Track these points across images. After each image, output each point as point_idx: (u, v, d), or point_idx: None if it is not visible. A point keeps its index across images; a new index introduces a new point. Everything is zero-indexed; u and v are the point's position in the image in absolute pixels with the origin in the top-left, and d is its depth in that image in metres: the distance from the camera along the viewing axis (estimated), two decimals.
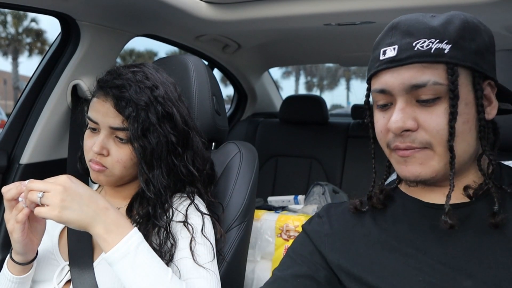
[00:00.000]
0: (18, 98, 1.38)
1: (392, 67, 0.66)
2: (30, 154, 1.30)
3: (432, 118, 0.65)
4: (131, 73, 0.93)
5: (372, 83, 0.72)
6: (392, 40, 0.67)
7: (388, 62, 0.66)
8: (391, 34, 0.68)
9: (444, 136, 0.64)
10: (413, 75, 0.65)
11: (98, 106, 0.92)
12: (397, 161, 0.70)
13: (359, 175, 2.33)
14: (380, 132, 0.72)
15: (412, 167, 0.68)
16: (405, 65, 0.65)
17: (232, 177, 1.14)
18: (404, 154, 0.67)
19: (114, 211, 0.81)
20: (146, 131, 0.90)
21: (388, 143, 0.70)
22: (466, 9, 1.26)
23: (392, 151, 0.70)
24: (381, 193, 0.77)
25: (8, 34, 28.87)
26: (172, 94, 0.96)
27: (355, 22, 1.53)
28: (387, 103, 0.70)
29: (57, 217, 0.75)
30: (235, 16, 1.50)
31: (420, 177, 0.67)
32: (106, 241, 0.77)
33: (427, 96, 0.65)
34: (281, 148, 2.57)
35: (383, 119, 0.71)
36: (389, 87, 0.67)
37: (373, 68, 0.70)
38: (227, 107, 2.70)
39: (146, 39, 1.67)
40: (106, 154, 0.92)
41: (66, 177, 0.79)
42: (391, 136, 0.69)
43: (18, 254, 0.86)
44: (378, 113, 0.72)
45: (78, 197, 0.77)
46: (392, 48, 0.67)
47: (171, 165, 0.95)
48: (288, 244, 1.50)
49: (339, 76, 43.13)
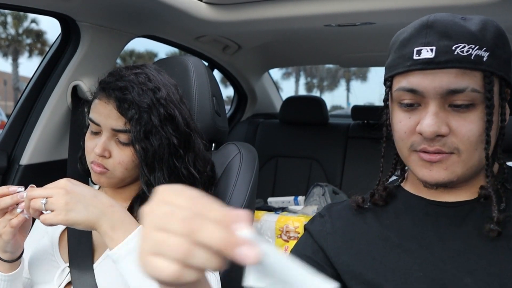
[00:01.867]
0: (18, 99, 1.38)
1: (429, 69, 0.64)
2: (30, 155, 1.30)
3: (465, 124, 0.64)
4: (134, 74, 0.93)
5: (397, 81, 0.69)
6: (428, 40, 0.65)
7: (425, 63, 0.64)
8: (425, 33, 0.65)
9: (473, 143, 0.65)
10: (451, 80, 0.63)
11: (100, 108, 0.92)
12: (419, 164, 0.69)
13: (359, 176, 2.33)
14: (404, 133, 0.69)
15: (435, 172, 0.67)
16: (443, 68, 0.63)
17: (232, 178, 1.14)
18: (432, 159, 0.66)
19: (119, 208, 0.81)
20: (149, 133, 0.90)
21: (413, 145, 0.68)
22: (466, 9, 1.26)
23: (414, 153, 0.69)
24: (384, 190, 0.77)
25: (8, 35, 28.92)
26: (174, 96, 0.96)
27: (355, 23, 1.53)
28: (414, 103, 0.67)
29: (64, 220, 0.75)
30: (235, 17, 1.50)
31: (441, 181, 0.67)
32: (111, 238, 0.78)
33: (462, 102, 0.64)
34: (281, 149, 2.56)
35: (408, 120, 0.68)
36: (422, 89, 0.65)
37: (402, 66, 0.67)
38: (227, 108, 2.70)
39: (146, 40, 1.67)
40: (108, 156, 0.92)
41: (66, 180, 0.79)
42: (418, 138, 0.67)
43: (6, 253, 0.86)
44: (402, 112, 0.69)
45: (81, 197, 0.77)
46: (429, 49, 0.64)
47: (172, 167, 0.95)
48: (288, 245, 1.50)
49: (339, 77, 43.19)
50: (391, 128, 0.73)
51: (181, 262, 0.36)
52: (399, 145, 0.71)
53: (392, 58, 0.71)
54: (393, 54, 0.71)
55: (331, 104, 41.88)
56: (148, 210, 0.40)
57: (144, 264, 0.38)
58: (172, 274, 0.36)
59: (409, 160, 0.71)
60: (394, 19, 1.46)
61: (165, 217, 0.38)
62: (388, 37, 0.78)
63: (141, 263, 0.38)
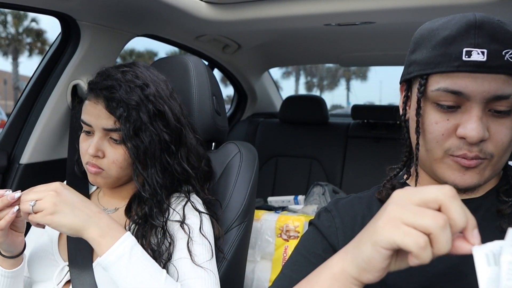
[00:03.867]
0: (18, 98, 1.38)
1: (479, 72, 0.62)
2: (30, 154, 1.30)
3: (501, 130, 0.64)
4: (121, 73, 0.93)
5: (436, 80, 0.65)
6: (478, 42, 0.62)
7: (475, 66, 0.62)
8: (474, 34, 0.62)
9: (505, 148, 0.65)
10: (499, 86, 0.62)
11: (90, 109, 0.92)
12: (453, 167, 0.67)
13: (359, 175, 2.34)
14: (442, 135, 0.66)
15: (469, 177, 0.66)
16: (494, 73, 0.62)
17: (232, 177, 1.14)
18: (471, 164, 0.65)
19: (106, 215, 0.82)
20: (138, 130, 0.90)
21: (450, 149, 0.66)
22: (466, 9, 1.26)
23: (450, 157, 0.66)
24: (392, 189, 0.76)
25: (8, 34, 28.91)
26: (164, 92, 0.96)
27: (355, 22, 1.53)
28: (455, 105, 0.65)
29: (49, 220, 0.76)
30: (235, 16, 1.50)
31: (472, 186, 0.67)
32: (100, 245, 0.78)
33: (503, 108, 0.63)
34: (281, 148, 2.57)
35: (446, 122, 0.66)
36: (469, 92, 0.63)
37: (446, 66, 0.64)
38: (227, 107, 2.70)
39: (146, 39, 1.67)
40: (101, 156, 0.93)
41: (58, 183, 0.80)
42: (457, 142, 0.65)
43: (6, 251, 0.86)
44: (438, 113, 0.66)
45: (70, 201, 0.78)
46: (480, 52, 0.62)
47: (165, 163, 0.95)
48: (288, 244, 1.50)
49: (339, 76, 43.15)
50: (420, 125, 0.69)
51: (431, 235, 0.45)
52: (431, 146, 0.68)
53: (428, 54, 0.67)
54: (430, 50, 0.66)
55: (331, 104, 41.92)
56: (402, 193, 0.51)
57: (398, 229, 0.47)
58: (419, 244, 0.45)
59: (440, 162, 0.68)
60: (394, 19, 1.46)
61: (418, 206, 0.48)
62: (388, 36, 0.77)
63: (393, 227, 0.47)
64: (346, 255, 0.55)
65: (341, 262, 0.55)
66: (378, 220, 0.50)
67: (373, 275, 0.50)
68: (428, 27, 0.69)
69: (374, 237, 0.49)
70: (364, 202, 0.80)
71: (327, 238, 0.77)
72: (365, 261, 0.50)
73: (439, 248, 0.46)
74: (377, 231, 0.49)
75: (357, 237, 0.55)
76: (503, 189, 0.71)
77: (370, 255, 0.49)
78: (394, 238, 0.47)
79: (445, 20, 0.67)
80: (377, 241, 0.48)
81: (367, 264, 0.50)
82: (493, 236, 0.65)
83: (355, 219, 0.77)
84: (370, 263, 0.50)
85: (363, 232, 0.53)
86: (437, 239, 0.45)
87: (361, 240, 0.52)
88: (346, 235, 0.76)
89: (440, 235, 0.45)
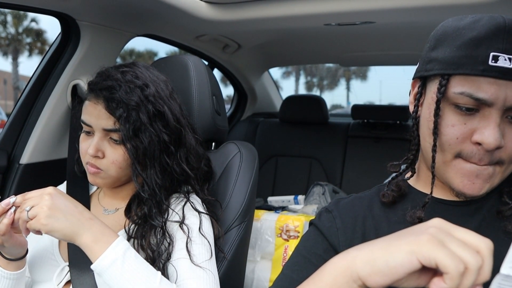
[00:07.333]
0: (18, 98, 1.38)
1: (503, 79, 0.60)
2: (30, 154, 1.30)
3: None
4: (120, 73, 0.93)
5: (458, 82, 0.63)
6: (506, 47, 0.60)
7: (501, 72, 0.60)
8: (502, 38, 0.61)
9: None
10: None
11: (90, 109, 0.92)
12: (462, 172, 0.66)
13: (359, 175, 2.34)
14: (456, 139, 0.65)
15: (478, 185, 0.65)
16: None
17: (232, 177, 1.14)
18: (483, 172, 0.64)
19: (99, 221, 0.82)
20: (138, 131, 0.90)
21: (461, 153, 0.65)
22: (466, 9, 1.26)
23: (461, 160, 0.66)
24: (398, 189, 0.76)
25: (8, 34, 28.90)
26: (163, 92, 0.96)
27: (355, 22, 1.53)
28: (474, 108, 0.63)
29: (42, 225, 0.76)
30: (235, 16, 1.50)
31: (480, 195, 0.66)
32: (93, 250, 0.78)
33: None
34: (281, 148, 2.57)
35: (463, 126, 0.64)
36: (492, 98, 0.61)
37: (471, 69, 0.62)
38: (227, 107, 2.70)
39: (146, 39, 1.67)
40: (101, 156, 0.93)
41: (52, 188, 0.80)
42: (471, 148, 0.64)
43: (9, 254, 0.86)
44: (456, 115, 0.65)
45: (63, 206, 0.78)
46: (507, 58, 0.60)
47: (164, 164, 0.95)
48: (288, 244, 1.50)
49: (339, 76, 43.15)
50: (438, 126, 0.67)
51: (466, 269, 0.45)
52: (444, 148, 0.66)
53: (452, 53, 0.64)
54: (454, 50, 0.64)
55: (331, 103, 41.90)
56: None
57: (444, 248, 0.46)
58: (459, 269, 0.45)
59: (449, 166, 0.67)
60: (394, 19, 1.46)
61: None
62: (388, 36, 0.77)
63: (439, 246, 0.46)
64: (359, 252, 0.53)
65: (346, 260, 0.54)
66: (421, 234, 0.48)
67: (384, 280, 0.49)
68: (453, 25, 0.66)
69: (415, 247, 0.47)
70: (365, 202, 0.80)
71: (327, 239, 0.77)
72: (390, 266, 0.48)
73: (465, 284, 0.46)
74: (420, 243, 0.47)
75: (381, 241, 0.52)
76: (506, 191, 0.70)
77: (401, 261, 0.48)
78: (437, 255, 0.46)
79: (471, 19, 0.65)
80: (416, 251, 0.47)
81: (389, 269, 0.48)
82: (496, 238, 0.65)
83: (356, 220, 0.77)
84: (394, 269, 0.48)
85: (394, 239, 0.51)
86: (469, 275, 0.45)
87: (392, 244, 0.50)
88: (347, 235, 0.76)
89: (473, 273, 0.45)
